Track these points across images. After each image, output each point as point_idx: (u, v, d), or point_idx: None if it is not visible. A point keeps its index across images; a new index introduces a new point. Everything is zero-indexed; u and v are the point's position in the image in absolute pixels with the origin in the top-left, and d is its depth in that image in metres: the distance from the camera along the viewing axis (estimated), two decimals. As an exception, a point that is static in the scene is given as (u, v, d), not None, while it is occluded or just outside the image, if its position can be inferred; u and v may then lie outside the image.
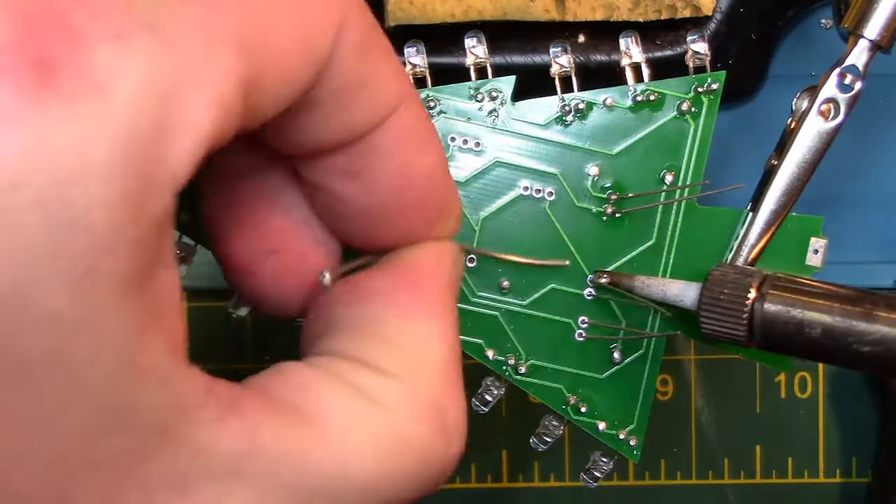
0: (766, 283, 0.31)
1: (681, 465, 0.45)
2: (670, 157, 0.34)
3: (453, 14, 0.37)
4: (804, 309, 0.30)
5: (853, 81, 0.33)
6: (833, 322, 0.30)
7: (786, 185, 0.33)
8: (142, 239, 0.18)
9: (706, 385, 0.45)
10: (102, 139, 0.17)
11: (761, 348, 0.31)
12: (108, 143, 0.18)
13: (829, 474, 0.45)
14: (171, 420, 0.20)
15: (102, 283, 0.18)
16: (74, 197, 0.17)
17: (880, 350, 0.29)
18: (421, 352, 0.25)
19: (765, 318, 0.30)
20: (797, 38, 0.42)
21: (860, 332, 0.29)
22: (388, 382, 0.23)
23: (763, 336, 0.31)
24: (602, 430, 0.34)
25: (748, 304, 0.31)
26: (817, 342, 0.30)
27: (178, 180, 0.19)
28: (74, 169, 0.17)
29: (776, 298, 0.30)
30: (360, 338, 0.25)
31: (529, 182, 0.34)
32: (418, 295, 0.26)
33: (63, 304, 0.17)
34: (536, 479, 0.45)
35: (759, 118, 0.42)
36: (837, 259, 0.42)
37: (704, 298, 0.31)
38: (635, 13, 0.38)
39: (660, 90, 0.34)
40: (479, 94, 0.33)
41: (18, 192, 0.17)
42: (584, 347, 0.34)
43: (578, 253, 0.34)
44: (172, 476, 0.20)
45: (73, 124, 0.17)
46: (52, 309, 0.17)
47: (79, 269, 0.17)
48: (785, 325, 0.30)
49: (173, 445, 0.20)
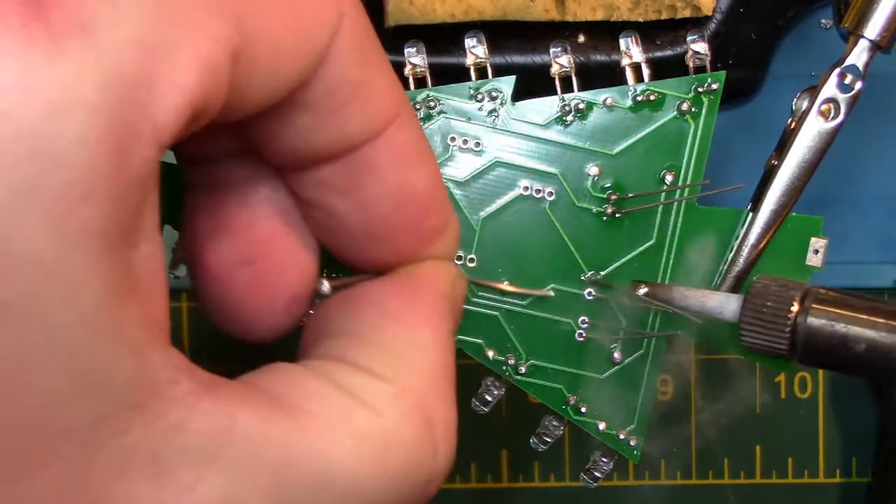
0: (810, 296, 0.31)
1: (681, 465, 0.45)
2: (670, 157, 0.34)
3: (453, 14, 0.37)
4: (848, 324, 0.30)
5: (853, 81, 0.33)
6: (878, 337, 0.29)
7: (786, 185, 0.33)
8: (122, 193, 0.18)
9: (706, 385, 0.45)
10: (87, 80, 0.18)
11: (802, 363, 0.31)
12: (92, 84, 0.18)
13: (829, 474, 0.45)
14: (140, 394, 0.19)
15: (80, 230, 0.18)
16: (57, 132, 0.17)
17: None
18: (412, 358, 0.24)
19: (808, 332, 0.30)
20: (797, 38, 0.42)
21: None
22: (377, 384, 0.23)
23: (805, 350, 0.30)
24: (602, 431, 0.34)
25: (791, 318, 0.30)
26: (861, 358, 0.30)
27: (161, 136, 0.19)
28: (58, 105, 0.17)
29: (820, 313, 0.30)
30: (354, 342, 0.24)
31: (529, 182, 0.34)
32: (413, 302, 0.25)
33: (40, 245, 0.17)
34: (536, 479, 0.45)
35: (759, 118, 0.42)
36: (837, 259, 0.42)
37: (746, 311, 0.31)
38: (635, 13, 0.38)
39: (660, 90, 0.34)
40: (479, 94, 0.33)
41: (1, 123, 0.17)
42: (584, 347, 0.34)
43: (578, 253, 0.34)
44: (145, 454, 0.19)
45: (59, 62, 0.17)
46: (28, 249, 0.17)
47: (58, 210, 0.17)
48: (829, 340, 0.30)
49: (144, 420, 0.19)
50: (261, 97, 0.22)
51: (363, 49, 0.23)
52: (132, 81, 0.18)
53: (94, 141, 0.18)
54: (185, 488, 0.20)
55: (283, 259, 0.26)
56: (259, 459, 0.21)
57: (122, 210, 0.18)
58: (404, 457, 0.23)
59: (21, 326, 0.18)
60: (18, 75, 0.17)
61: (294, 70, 0.22)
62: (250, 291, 0.26)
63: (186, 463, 0.20)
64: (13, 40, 0.17)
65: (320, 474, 0.21)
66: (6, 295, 0.17)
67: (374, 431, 0.23)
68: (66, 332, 0.18)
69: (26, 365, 0.18)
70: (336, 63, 0.23)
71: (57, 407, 0.18)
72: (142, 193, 0.19)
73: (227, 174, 0.26)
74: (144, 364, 0.19)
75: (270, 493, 0.21)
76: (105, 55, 0.18)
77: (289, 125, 0.23)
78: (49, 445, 0.18)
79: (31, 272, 0.17)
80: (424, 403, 0.24)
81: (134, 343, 0.19)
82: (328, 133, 0.24)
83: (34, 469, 0.18)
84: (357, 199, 0.25)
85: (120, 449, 0.19)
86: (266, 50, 0.21)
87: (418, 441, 0.23)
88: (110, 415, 0.19)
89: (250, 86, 0.21)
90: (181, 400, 0.20)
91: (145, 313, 0.20)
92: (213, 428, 0.20)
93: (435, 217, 0.26)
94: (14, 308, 0.17)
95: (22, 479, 0.18)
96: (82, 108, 0.18)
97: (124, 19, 0.18)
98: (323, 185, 0.25)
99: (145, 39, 0.19)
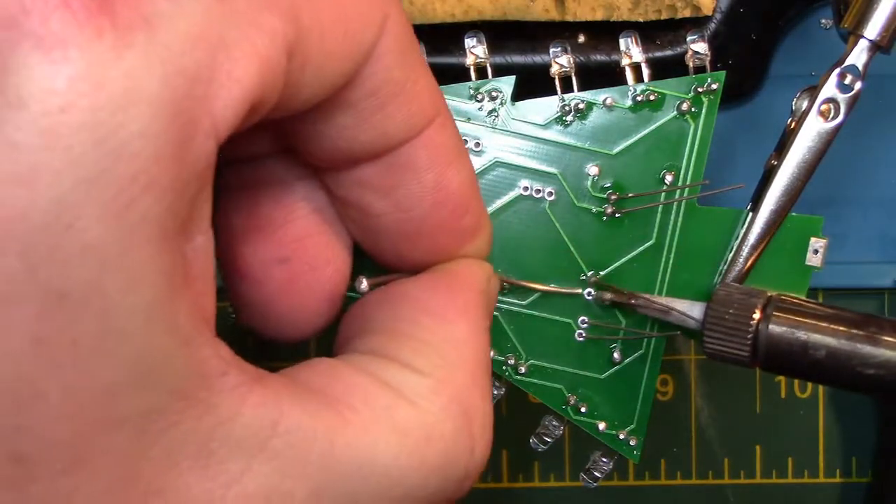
0: (771, 304, 0.31)
1: (681, 465, 0.45)
2: (670, 158, 0.34)
3: (453, 14, 0.37)
4: (809, 331, 0.30)
5: (853, 81, 0.33)
6: (838, 345, 0.30)
7: (786, 185, 0.33)
8: (181, 185, 0.19)
9: (706, 385, 0.45)
10: (151, 73, 0.18)
11: (764, 370, 0.31)
12: (156, 78, 0.18)
13: (829, 474, 0.45)
14: (192, 385, 0.19)
15: (141, 221, 0.18)
16: (122, 123, 0.18)
17: (884, 373, 0.29)
18: (451, 352, 0.25)
19: (769, 339, 0.30)
20: (797, 38, 0.42)
21: (864, 356, 0.29)
22: (417, 379, 0.24)
23: (766, 357, 0.31)
24: (602, 430, 0.34)
25: (753, 325, 0.31)
26: (821, 364, 0.30)
27: (220, 130, 0.19)
28: (123, 97, 0.18)
29: (781, 320, 0.31)
30: (392, 337, 0.25)
31: (529, 182, 0.34)
32: (451, 297, 0.26)
33: (102, 235, 0.18)
34: (536, 479, 0.45)
35: (759, 118, 0.42)
36: (837, 259, 0.42)
37: (709, 318, 0.32)
38: (635, 13, 0.38)
39: (660, 90, 0.34)
40: (479, 94, 0.33)
41: (67, 114, 0.17)
42: (584, 347, 0.34)
43: (578, 253, 0.34)
44: (195, 445, 0.20)
45: (124, 55, 0.18)
46: (91, 239, 0.17)
47: (120, 200, 0.18)
48: (789, 347, 0.30)
49: (196, 411, 0.20)
50: (310, 94, 0.22)
51: (405, 50, 0.24)
52: (193, 75, 0.19)
53: (156, 133, 0.18)
54: (233, 479, 0.20)
55: (318, 258, 0.27)
56: (305, 452, 0.21)
57: (180, 202, 0.19)
58: (444, 451, 0.23)
59: (80, 316, 0.18)
60: (87, 68, 0.17)
61: (342, 68, 0.22)
62: (285, 290, 0.26)
63: (234, 454, 0.20)
64: (82, 34, 0.17)
65: (363, 466, 0.22)
66: (67, 284, 0.17)
67: (415, 425, 0.23)
68: (123, 322, 0.18)
69: (84, 354, 0.18)
70: (380, 62, 0.23)
71: (113, 397, 0.18)
72: (198, 186, 0.19)
73: (263, 174, 0.26)
74: (196, 356, 0.20)
75: (315, 484, 0.21)
76: (168, 49, 0.18)
77: (332, 124, 0.24)
78: (104, 436, 0.19)
79: (92, 262, 0.18)
80: (463, 398, 0.24)
81: (186, 335, 0.19)
82: (370, 132, 0.24)
83: (88, 460, 0.18)
84: (395, 199, 0.25)
85: (172, 440, 0.19)
86: (317, 47, 0.21)
87: (457, 435, 0.24)
88: (163, 406, 0.19)
89: (301, 83, 0.21)
90: (231, 392, 0.20)
91: (197, 305, 0.20)
92: (261, 420, 0.20)
93: (470, 216, 0.27)
94: (74, 297, 0.18)
95: (76, 470, 0.18)
96: (146, 100, 0.18)
97: (185, 14, 0.19)
98: (361, 185, 0.25)
99: (206, 34, 0.19)
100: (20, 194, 0.17)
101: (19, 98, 0.17)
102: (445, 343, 0.25)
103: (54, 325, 0.18)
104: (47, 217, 0.17)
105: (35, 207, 0.17)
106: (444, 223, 0.26)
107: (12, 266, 0.17)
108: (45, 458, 0.18)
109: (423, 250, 0.27)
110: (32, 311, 0.17)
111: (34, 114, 0.17)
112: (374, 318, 0.26)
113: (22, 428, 0.18)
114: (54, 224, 0.17)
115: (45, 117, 0.17)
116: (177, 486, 0.19)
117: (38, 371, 0.18)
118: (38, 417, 0.18)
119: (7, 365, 0.17)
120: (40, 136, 0.17)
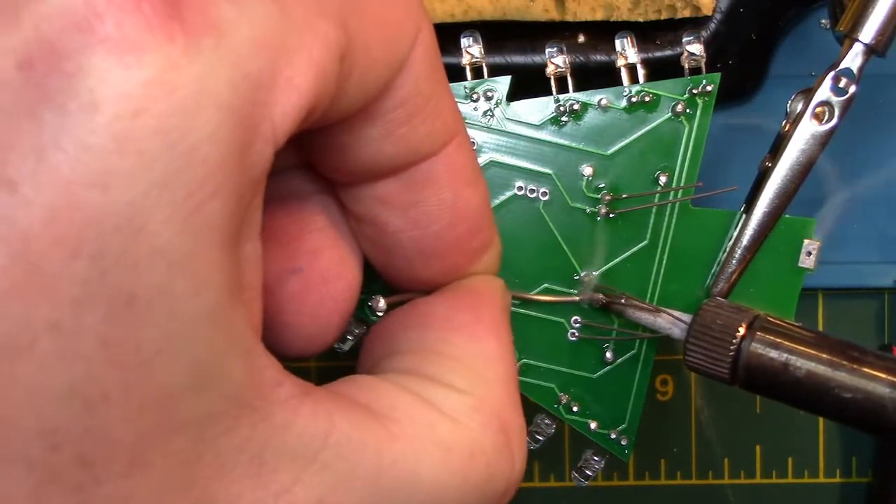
0: (756, 323, 0.31)
1: (681, 465, 0.46)
2: (665, 159, 0.34)
3: (453, 14, 0.37)
4: (790, 354, 0.30)
5: (847, 85, 0.33)
6: (818, 370, 0.30)
7: (779, 187, 0.33)
8: (242, 191, 0.19)
9: (706, 385, 0.45)
10: (219, 78, 0.18)
11: (744, 388, 0.31)
12: (223, 82, 0.18)
13: (829, 474, 0.45)
14: (249, 393, 0.20)
15: (207, 226, 0.18)
16: (191, 129, 0.18)
17: (861, 398, 0.29)
18: (486, 369, 0.25)
19: (750, 357, 0.30)
20: (797, 38, 0.42)
21: (842, 380, 0.29)
22: (456, 396, 0.24)
23: (746, 375, 0.31)
24: (593, 430, 0.35)
25: (735, 343, 0.31)
26: (800, 383, 0.30)
27: (279, 136, 0.19)
28: (194, 102, 0.18)
29: (764, 340, 0.30)
30: (425, 357, 0.25)
31: (524, 182, 0.34)
32: (478, 314, 0.26)
33: (171, 239, 0.18)
34: (536, 479, 0.45)
35: (759, 118, 0.42)
36: (837, 259, 0.42)
37: (693, 331, 0.32)
38: (635, 13, 0.38)
39: (654, 91, 0.34)
40: (475, 94, 0.33)
41: (140, 118, 0.17)
42: (577, 347, 0.34)
43: (572, 253, 0.34)
44: (249, 453, 0.20)
45: (194, 59, 0.18)
46: (160, 243, 0.18)
47: (189, 205, 0.18)
48: (770, 368, 0.30)
49: (252, 419, 0.20)
50: (351, 102, 0.22)
51: (434, 63, 0.24)
52: (257, 81, 0.19)
53: (223, 138, 0.18)
54: (283, 489, 0.20)
55: (331, 271, 0.26)
56: (354, 464, 0.21)
57: (239, 209, 0.19)
58: (485, 467, 0.23)
59: (146, 319, 0.18)
60: (160, 72, 0.17)
61: (382, 76, 0.22)
62: (296, 301, 0.26)
63: (286, 464, 0.20)
64: (155, 38, 0.17)
65: (409, 482, 0.22)
66: (135, 287, 0.17)
67: (457, 442, 0.23)
68: (187, 326, 0.18)
69: (148, 357, 0.18)
70: (411, 74, 0.23)
71: (174, 401, 0.18)
72: (254, 192, 0.20)
73: (280, 187, 0.26)
74: (253, 364, 0.20)
75: (361, 498, 0.21)
76: (234, 54, 0.18)
77: (358, 135, 0.24)
78: (163, 440, 0.19)
79: (161, 265, 0.18)
80: (501, 415, 0.24)
81: (244, 342, 0.19)
82: (395, 144, 0.24)
83: (148, 464, 0.19)
84: (412, 216, 0.25)
85: (227, 447, 0.19)
86: (363, 54, 0.21)
87: (497, 451, 0.24)
88: (221, 412, 0.19)
89: (345, 90, 0.21)
90: (285, 402, 0.20)
91: (250, 313, 0.20)
92: (314, 431, 0.21)
93: (483, 234, 0.27)
94: (142, 300, 0.18)
95: (136, 473, 0.18)
96: (215, 105, 0.18)
97: (249, 19, 0.19)
98: (379, 200, 0.25)
99: (269, 40, 0.19)
100: (94, 197, 0.17)
101: (93, 102, 0.17)
102: (478, 360, 0.25)
103: (121, 327, 0.18)
104: (119, 220, 0.17)
105: (108, 211, 0.17)
106: (458, 241, 0.26)
107: (84, 269, 0.17)
108: (109, 461, 0.18)
109: (437, 268, 0.27)
110: (101, 314, 0.17)
111: (108, 117, 0.17)
112: (402, 338, 0.26)
113: (90, 430, 0.18)
114: (126, 227, 0.17)
115: (118, 121, 0.17)
116: (229, 493, 0.20)
117: (105, 373, 0.18)
118: (104, 419, 0.18)
119: (78, 367, 0.17)
120: (114, 139, 0.17)
